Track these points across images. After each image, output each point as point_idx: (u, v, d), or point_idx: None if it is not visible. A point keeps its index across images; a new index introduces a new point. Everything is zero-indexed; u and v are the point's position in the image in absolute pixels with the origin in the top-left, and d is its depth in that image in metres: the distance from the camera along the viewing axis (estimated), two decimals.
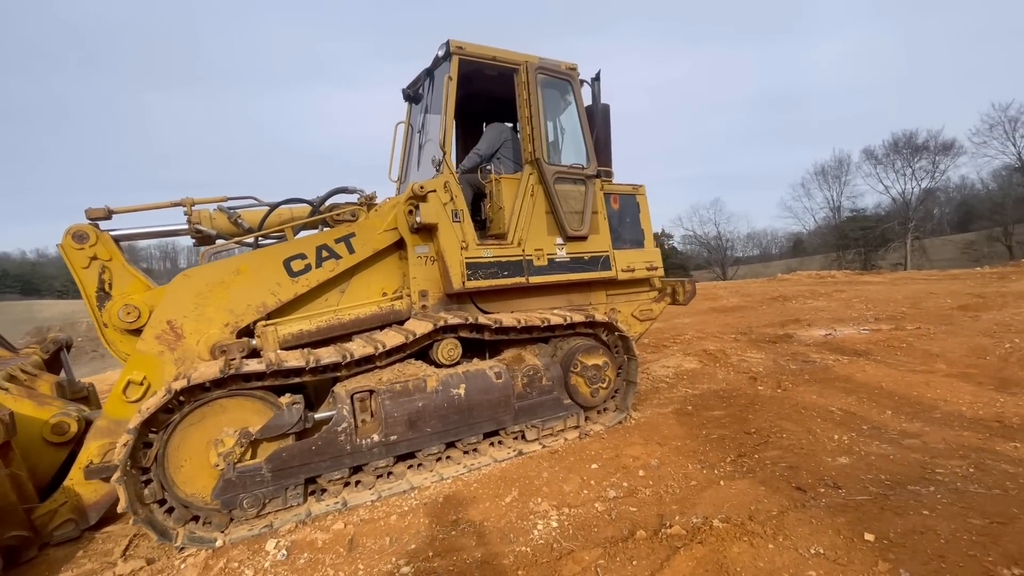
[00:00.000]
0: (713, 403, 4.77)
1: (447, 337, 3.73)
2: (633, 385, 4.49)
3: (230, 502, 2.96)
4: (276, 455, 3.08)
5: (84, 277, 3.43)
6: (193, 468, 2.96)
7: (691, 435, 4.01)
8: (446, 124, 4.07)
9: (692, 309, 12.09)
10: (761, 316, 10.15)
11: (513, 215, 4.26)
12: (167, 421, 2.89)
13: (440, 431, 3.57)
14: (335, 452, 3.23)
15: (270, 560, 2.74)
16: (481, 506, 3.15)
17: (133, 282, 3.55)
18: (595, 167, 4.68)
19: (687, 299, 5.25)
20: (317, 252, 3.76)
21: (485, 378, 3.76)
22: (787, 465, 3.38)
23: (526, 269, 4.26)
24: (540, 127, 4.36)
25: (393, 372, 3.55)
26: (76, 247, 3.39)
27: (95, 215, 3.51)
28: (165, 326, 3.33)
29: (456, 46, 4.11)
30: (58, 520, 3.06)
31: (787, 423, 4.10)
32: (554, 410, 4.07)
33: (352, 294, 4.00)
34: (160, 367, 3.30)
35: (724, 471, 3.39)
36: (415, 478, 3.51)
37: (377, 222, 3.96)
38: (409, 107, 5.12)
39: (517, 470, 3.59)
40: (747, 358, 6.39)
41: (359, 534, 2.93)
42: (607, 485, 3.28)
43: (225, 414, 3.04)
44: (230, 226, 3.94)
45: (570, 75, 4.63)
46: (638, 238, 5.13)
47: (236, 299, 3.53)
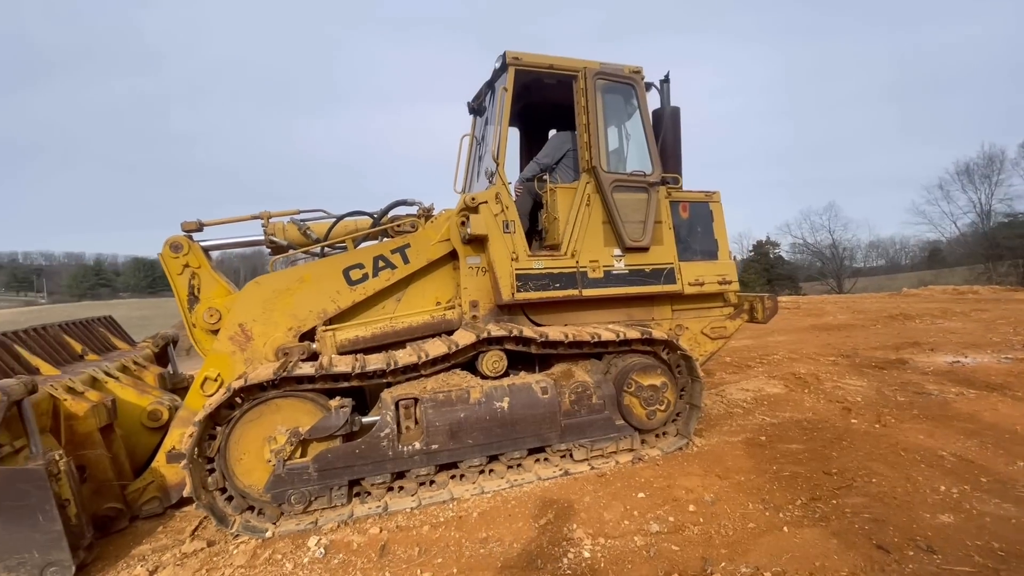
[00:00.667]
0: (792, 435, 4.25)
1: (492, 349, 3.70)
2: (696, 409, 4.13)
3: (279, 496, 3.16)
4: (322, 455, 3.24)
5: (178, 282, 3.88)
6: (250, 461, 3.21)
7: (759, 470, 3.59)
8: (500, 135, 4.07)
9: (790, 326, 11.00)
10: (872, 337, 8.95)
11: (567, 225, 4.14)
12: (229, 416, 3.16)
13: (482, 443, 3.54)
14: (378, 457, 3.33)
15: (309, 556, 2.87)
16: (514, 526, 3.05)
17: (217, 287, 3.96)
18: (659, 174, 4.41)
19: (767, 317, 4.75)
20: (374, 262, 3.93)
21: (530, 392, 3.67)
22: (871, 517, 2.90)
23: (580, 281, 4.11)
24: (597, 134, 4.20)
25: (437, 381, 3.58)
26: (172, 256, 3.85)
27: (189, 227, 3.97)
28: (237, 328, 3.66)
29: (512, 57, 4.10)
30: (145, 497, 3.47)
31: (880, 466, 3.53)
32: (605, 430, 3.86)
33: (407, 302, 4.12)
34: (232, 366, 3.63)
35: (791, 515, 2.98)
36: (456, 489, 3.51)
37: (431, 233, 4.05)
38: (474, 119, 5.21)
39: (559, 491, 3.45)
40: (844, 385, 5.63)
41: (392, 541, 2.97)
42: (651, 518, 3.03)
43: (279, 413, 3.26)
44: (300, 237, 4.26)
45: (633, 79, 4.42)
46: (710, 249, 4.75)
47: (299, 305, 3.79)
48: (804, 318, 12.46)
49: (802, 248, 47.50)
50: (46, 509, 2.62)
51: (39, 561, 2.62)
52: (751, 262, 46.49)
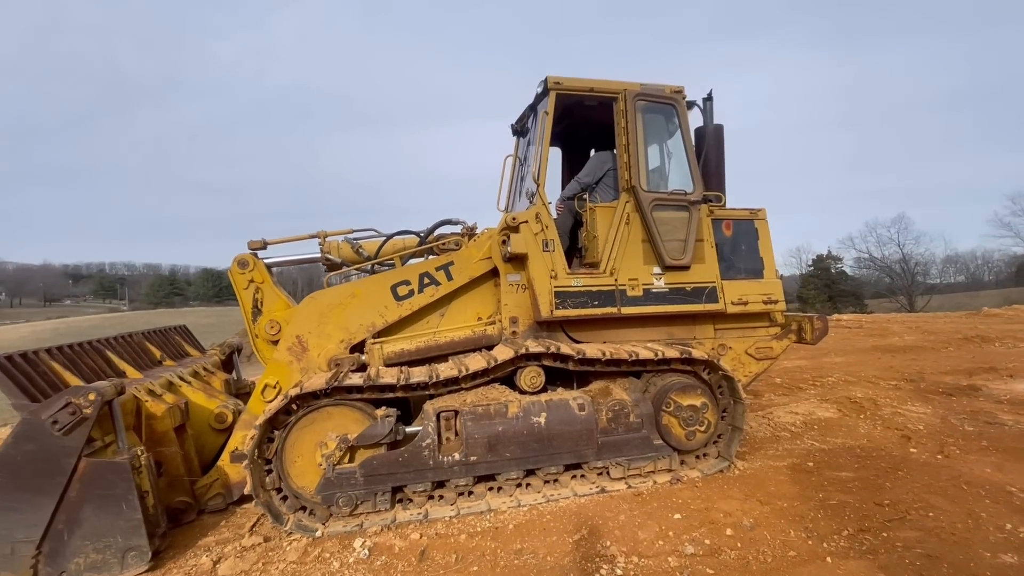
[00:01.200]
0: (843, 461, 4.07)
1: (530, 365, 3.80)
2: (739, 431, 4.05)
3: (329, 499, 3.37)
4: (369, 462, 3.43)
5: (244, 296, 4.24)
6: (304, 464, 3.45)
7: (803, 496, 3.48)
8: (541, 157, 4.21)
9: (849, 346, 10.43)
10: (942, 360, 8.35)
11: (607, 244, 4.20)
12: (285, 422, 3.42)
13: (519, 457, 3.63)
14: (419, 465, 3.49)
15: (354, 557, 3.04)
16: (549, 539, 3.12)
17: (278, 301, 4.29)
18: (700, 192, 4.40)
19: (816, 337, 4.60)
20: (420, 279, 4.14)
21: (567, 409, 3.74)
22: (924, 552, 2.76)
23: (618, 299, 4.16)
24: (637, 154, 4.26)
25: (477, 395, 3.72)
26: (239, 272, 4.22)
27: (254, 246, 4.33)
28: (295, 340, 3.96)
29: (554, 82, 4.25)
30: (211, 493, 3.78)
31: (939, 499, 3.34)
32: (642, 450, 3.86)
33: (451, 318, 4.30)
34: (289, 375, 3.92)
35: (836, 546, 2.89)
36: (494, 500, 3.61)
37: (474, 251, 4.23)
38: (516, 141, 5.39)
39: (594, 508, 3.48)
40: (905, 411, 5.32)
41: (431, 547, 3.11)
42: (687, 539, 3.01)
43: (330, 420, 3.49)
44: (352, 255, 4.54)
45: (674, 99, 4.46)
46: (755, 268, 4.67)
47: (351, 319, 4.05)
48: (866, 338, 11.77)
49: (868, 263, 44.66)
50: (129, 499, 2.94)
51: (122, 545, 2.94)
52: (810, 277, 44.17)
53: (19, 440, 2.86)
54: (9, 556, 2.82)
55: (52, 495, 2.86)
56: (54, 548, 2.87)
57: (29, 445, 2.86)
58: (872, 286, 45.41)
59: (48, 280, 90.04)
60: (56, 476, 2.87)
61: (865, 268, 45.09)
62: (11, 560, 2.82)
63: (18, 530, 2.82)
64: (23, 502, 2.83)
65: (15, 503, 2.82)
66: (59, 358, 3.48)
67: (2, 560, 2.81)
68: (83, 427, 2.90)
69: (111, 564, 2.93)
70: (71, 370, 3.45)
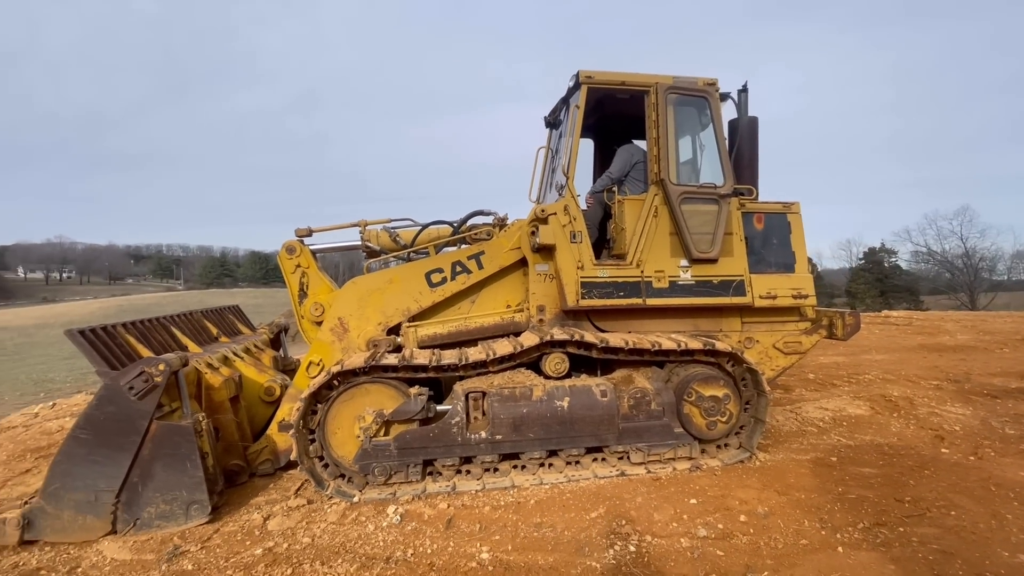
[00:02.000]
0: (868, 458, 4.07)
1: (555, 351, 3.96)
2: (761, 423, 4.10)
3: (365, 468, 3.66)
4: (402, 436, 3.70)
5: (291, 280, 4.57)
6: (343, 435, 3.75)
7: (822, 489, 3.53)
8: (571, 150, 4.32)
9: (893, 344, 10.06)
10: (993, 361, 7.98)
11: (634, 236, 4.29)
12: (328, 396, 3.72)
13: (542, 438, 3.82)
14: (448, 441, 3.73)
15: (387, 521, 3.32)
16: (567, 515, 3.31)
17: (322, 285, 4.60)
18: (731, 186, 4.41)
19: (847, 334, 4.56)
20: (452, 267, 4.35)
21: (590, 394, 3.89)
22: (940, 549, 2.79)
23: (644, 291, 4.25)
24: (667, 148, 4.31)
25: (504, 378, 3.92)
26: (287, 257, 4.55)
27: (301, 233, 4.65)
28: (337, 321, 4.26)
29: (585, 75, 4.33)
30: (261, 458, 4.15)
31: (963, 499, 3.32)
32: (663, 437, 3.97)
33: (481, 304, 4.51)
34: (331, 353, 4.22)
35: (849, 537, 2.95)
36: (517, 477, 3.82)
37: (504, 241, 4.40)
38: (549, 133, 5.49)
39: (613, 489, 3.64)
40: (942, 412, 5.19)
41: (457, 516, 3.35)
42: (700, 523, 3.14)
43: (368, 396, 3.77)
44: (390, 243, 4.80)
45: (707, 91, 4.46)
46: (786, 262, 4.65)
47: (388, 303, 4.31)
48: (913, 336, 11.30)
49: (926, 257, 42.12)
50: (192, 458, 3.31)
51: (186, 499, 3.32)
52: (861, 271, 42.15)
53: (101, 402, 3.26)
54: (93, 503, 3.24)
55: (128, 451, 3.25)
56: (130, 498, 3.28)
57: (110, 407, 3.26)
58: (930, 282, 42.87)
59: (113, 260, 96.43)
60: (132, 435, 3.26)
61: (923, 262, 42.62)
62: (95, 506, 3.23)
63: (101, 481, 3.24)
64: (105, 456, 3.24)
65: (98, 457, 3.23)
66: (133, 332, 3.88)
67: (87, 506, 3.23)
68: (154, 393, 3.28)
69: (177, 515, 3.31)
70: (143, 343, 3.86)
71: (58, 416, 6.32)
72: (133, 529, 3.25)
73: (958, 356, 8.62)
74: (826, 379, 6.75)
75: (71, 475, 3.20)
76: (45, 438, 5.28)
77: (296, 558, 2.91)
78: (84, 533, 3.19)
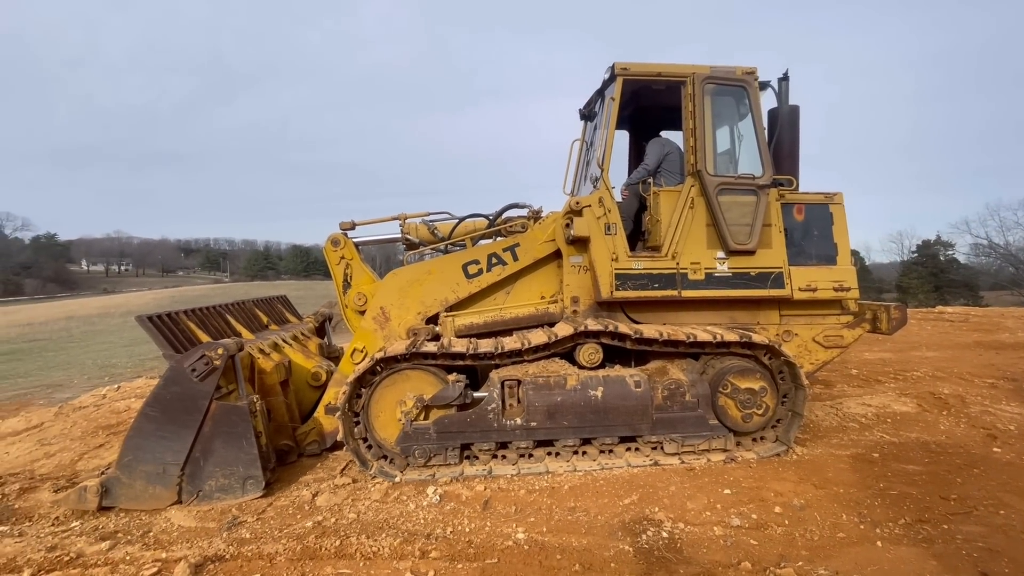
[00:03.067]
0: (912, 455, 3.96)
1: (589, 342, 4.03)
2: (798, 417, 4.05)
3: (406, 450, 3.84)
4: (441, 420, 3.85)
5: (336, 271, 4.79)
6: (386, 418, 3.94)
7: (862, 484, 3.48)
8: (606, 142, 4.34)
9: (947, 340, 9.61)
10: None
11: (670, 228, 4.29)
12: (371, 381, 3.91)
13: (576, 426, 3.90)
14: (485, 427, 3.86)
15: (427, 501, 3.48)
16: (600, 501, 3.38)
17: (365, 276, 4.80)
18: (770, 176, 4.34)
19: (892, 328, 4.44)
20: (488, 259, 4.47)
21: (624, 385, 3.94)
22: (985, 547, 2.73)
23: (679, 282, 4.25)
24: (704, 138, 4.27)
25: (539, 367, 4.01)
26: (332, 250, 4.77)
27: (345, 226, 4.85)
28: (379, 311, 4.44)
29: (621, 67, 4.34)
30: (309, 439, 4.39)
31: (1014, 498, 3.22)
32: (697, 428, 3.98)
33: (516, 295, 4.61)
34: (374, 341, 4.42)
35: (889, 532, 2.91)
36: (551, 464, 3.92)
37: (539, 233, 4.48)
38: (584, 125, 5.51)
39: (646, 478, 3.69)
40: (996, 411, 4.97)
41: (493, 499, 3.48)
42: (734, 513, 3.16)
43: (409, 382, 3.94)
44: (429, 236, 4.95)
45: (746, 80, 4.39)
46: (828, 254, 4.55)
47: (427, 293, 4.47)
48: (969, 333, 10.73)
49: (987, 250, 39.53)
50: (248, 437, 3.56)
51: (242, 474, 3.57)
52: (913, 265, 40.06)
53: (168, 383, 3.55)
54: (161, 475, 3.53)
55: (192, 428, 3.53)
56: (193, 471, 3.55)
57: (175, 387, 3.54)
58: (992, 276, 40.30)
59: (165, 253, 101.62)
60: (194, 413, 3.53)
61: (984, 256, 40.01)
62: (163, 478, 3.53)
63: (168, 454, 3.52)
64: (171, 432, 3.52)
65: (166, 433, 3.52)
66: (193, 319, 4.18)
67: (157, 477, 3.52)
68: (214, 375, 3.54)
69: (234, 488, 3.57)
70: (202, 329, 4.15)
71: (124, 397, 6.82)
72: (196, 500, 3.52)
73: (1018, 354, 8.16)
74: (871, 375, 6.54)
75: (142, 448, 3.50)
76: (115, 416, 5.73)
77: (343, 531, 3.10)
78: (154, 502, 3.49)
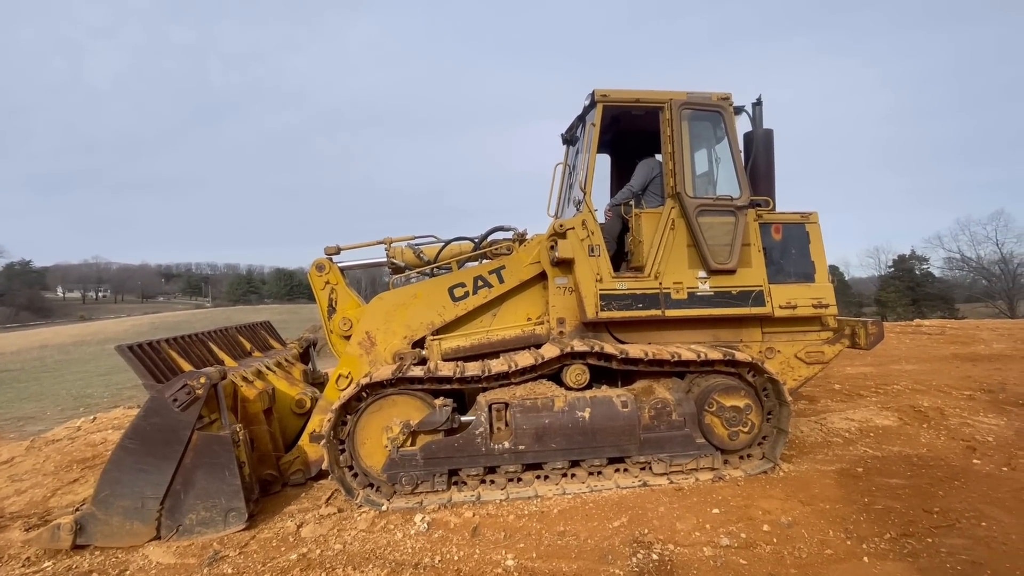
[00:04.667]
0: (895, 469, 4.02)
1: (575, 363, 4.04)
2: (784, 434, 4.10)
3: (393, 477, 3.78)
4: (428, 446, 3.81)
5: (321, 296, 4.77)
6: (372, 446, 3.88)
7: (847, 500, 3.51)
8: (588, 166, 4.45)
9: (925, 354, 9.82)
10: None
11: (652, 248, 4.37)
12: (357, 407, 3.87)
13: (564, 448, 3.89)
14: (472, 451, 3.83)
15: (415, 529, 3.42)
16: (590, 524, 3.36)
17: (350, 301, 4.79)
18: (747, 197, 4.47)
19: (870, 343, 4.54)
20: (474, 281, 4.49)
21: (611, 405, 3.95)
22: (969, 559, 2.77)
23: (662, 302, 4.31)
24: (682, 162, 4.40)
25: (526, 389, 4.01)
26: (317, 274, 4.76)
27: (330, 251, 4.85)
28: (365, 336, 4.42)
29: (600, 94, 4.47)
30: (293, 468, 4.30)
31: (995, 510, 3.27)
32: (684, 447, 4.00)
33: (502, 318, 4.63)
34: (360, 366, 4.38)
35: (875, 547, 2.94)
36: (541, 488, 3.89)
37: (524, 256, 4.53)
38: (566, 149, 5.63)
39: (635, 499, 3.68)
40: (974, 422, 5.07)
41: (482, 525, 3.44)
42: (723, 532, 3.16)
43: (395, 407, 3.90)
44: (414, 259, 4.97)
45: (721, 106, 4.55)
46: (806, 272, 4.67)
47: (413, 317, 4.47)
48: (946, 345, 10.98)
49: (960, 264, 40.74)
50: (231, 467, 3.48)
51: (225, 506, 3.48)
52: (891, 279, 41.07)
53: (148, 414, 3.47)
54: (139, 509, 3.42)
55: (172, 460, 3.44)
56: (173, 505, 3.46)
57: (155, 418, 3.46)
58: (966, 289, 41.46)
59: (145, 279, 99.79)
60: (175, 445, 3.45)
61: (957, 269, 41.24)
62: (141, 512, 3.42)
63: (147, 488, 3.42)
64: (151, 465, 3.43)
65: (145, 466, 3.43)
66: (175, 347, 4.11)
67: (135, 512, 3.41)
68: (196, 405, 3.47)
69: (216, 521, 3.47)
70: (184, 357, 4.08)
71: (100, 429, 6.62)
72: (176, 535, 3.42)
73: (993, 366, 8.37)
74: (852, 390, 6.65)
75: (120, 482, 3.40)
76: (90, 449, 5.56)
77: (329, 563, 3.03)
78: (131, 538, 3.38)
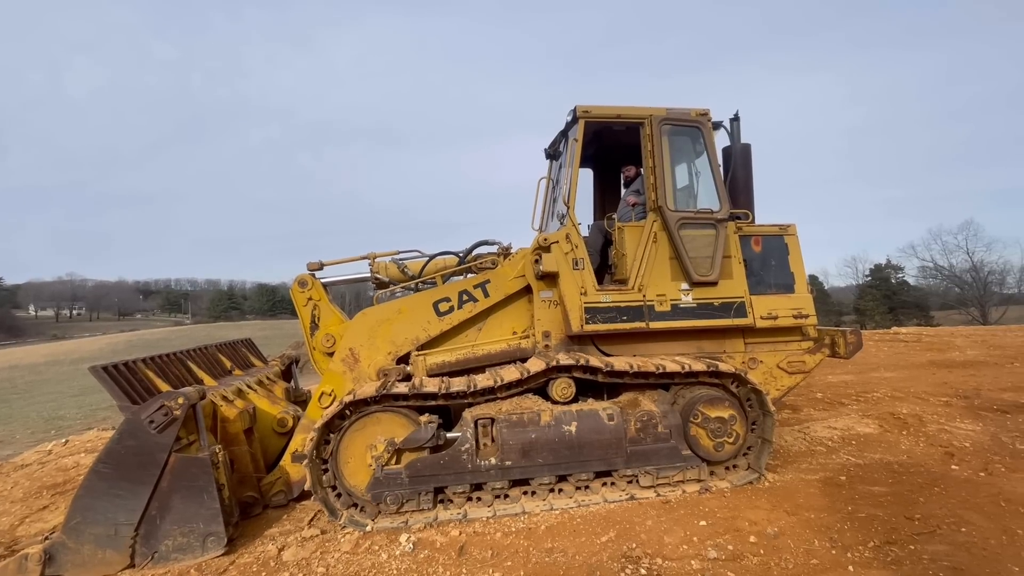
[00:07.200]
0: (877, 476, 4.07)
1: (561, 376, 4.04)
2: (768, 444, 4.13)
3: (377, 497, 3.71)
4: (413, 464, 3.76)
5: (303, 313, 4.71)
6: (356, 465, 3.81)
7: (832, 508, 3.54)
8: (571, 180, 4.50)
9: (903, 361, 10.03)
10: (1004, 376, 7.94)
11: (635, 261, 4.41)
12: (340, 426, 3.80)
13: (551, 463, 3.86)
14: (459, 468, 3.78)
15: (400, 550, 3.36)
16: (578, 540, 3.33)
17: (333, 317, 4.73)
18: (727, 210, 4.55)
19: (849, 352, 4.62)
20: (459, 296, 4.48)
21: (597, 419, 3.95)
22: (950, 565, 2.80)
23: (646, 314, 4.35)
24: (663, 176, 4.47)
25: (512, 404, 3.99)
26: (300, 290, 4.70)
27: (312, 267, 4.81)
28: (348, 352, 4.37)
29: (582, 110, 4.54)
30: (275, 489, 4.20)
31: (974, 515, 3.33)
32: (671, 459, 4.00)
33: (487, 332, 4.61)
34: (343, 384, 4.32)
35: (859, 556, 2.96)
36: (528, 504, 3.85)
37: (509, 270, 4.54)
38: (550, 164, 5.69)
39: (623, 513, 3.66)
40: (952, 428, 5.18)
41: (469, 543, 3.38)
42: (710, 545, 3.16)
43: (379, 425, 3.85)
44: (399, 274, 4.95)
45: (699, 122, 4.65)
46: (786, 283, 4.75)
47: (397, 332, 4.43)
48: (923, 352, 11.24)
49: (933, 272, 41.91)
50: (210, 490, 3.38)
51: (203, 531, 3.37)
52: (868, 288, 42.05)
53: (123, 436, 3.36)
54: (112, 537, 3.30)
55: (148, 484, 3.33)
56: (148, 531, 3.34)
57: (130, 441, 3.35)
58: (940, 297, 42.62)
59: (122, 296, 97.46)
60: (151, 468, 3.35)
61: (930, 278, 42.41)
62: (114, 540, 3.29)
63: (121, 514, 3.31)
64: (125, 490, 3.32)
65: (119, 491, 3.31)
66: (152, 367, 4.00)
67: (107, 540, 3.29)
68: (173, 426, 3.38)
69: (194, 547, 3.36)
70: (161, 377, 3.97)
71: (72, 453, 6.39)
72: (151, 562, 3.30)
73: (968, 372, 8.58)
74: (834, 398, 6.75)
75: (92, 509, 3.27)
76: (61, 474, 5.35)
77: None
78: (103, 567, 3.25)
